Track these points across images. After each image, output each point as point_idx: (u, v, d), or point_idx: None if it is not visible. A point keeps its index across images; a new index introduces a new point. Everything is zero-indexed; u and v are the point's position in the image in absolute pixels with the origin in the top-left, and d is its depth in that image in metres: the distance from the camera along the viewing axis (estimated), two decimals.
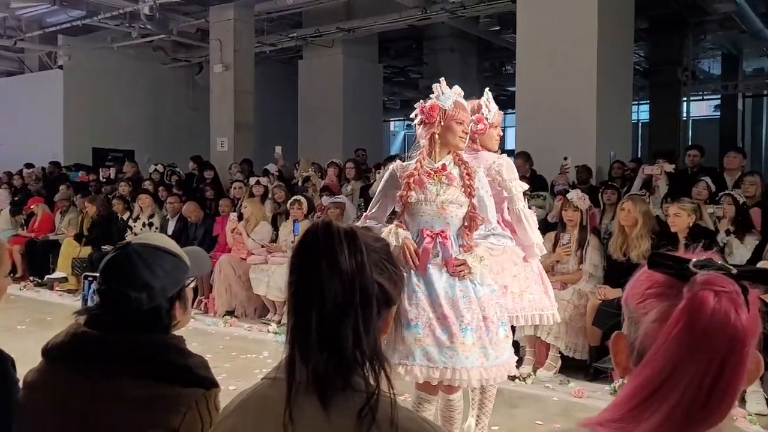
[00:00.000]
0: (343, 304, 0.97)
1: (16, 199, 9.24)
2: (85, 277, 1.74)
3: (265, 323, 5.87)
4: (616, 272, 4.29)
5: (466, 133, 2.60)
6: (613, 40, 7.26)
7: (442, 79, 2.61)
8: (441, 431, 1.02)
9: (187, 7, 10.53)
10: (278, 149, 8.61)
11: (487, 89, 3.03)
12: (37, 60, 12.58)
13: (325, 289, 0.96)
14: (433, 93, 2.58)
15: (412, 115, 2.67)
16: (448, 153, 2.59)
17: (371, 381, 0.97)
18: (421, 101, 2.64)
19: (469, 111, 2.67)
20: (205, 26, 10.57)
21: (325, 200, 6.42)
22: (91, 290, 1.71)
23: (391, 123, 20.97)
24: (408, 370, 2.39)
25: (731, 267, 0.77)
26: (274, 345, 5.05)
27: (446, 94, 2.56)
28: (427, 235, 2.51)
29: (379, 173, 6.33)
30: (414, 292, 2.46)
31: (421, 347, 2.40)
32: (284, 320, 5.98)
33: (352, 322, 0.97)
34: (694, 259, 0.78)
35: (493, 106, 2.95)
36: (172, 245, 1.47)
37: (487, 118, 2.90)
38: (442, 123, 2.53)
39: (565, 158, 6.45)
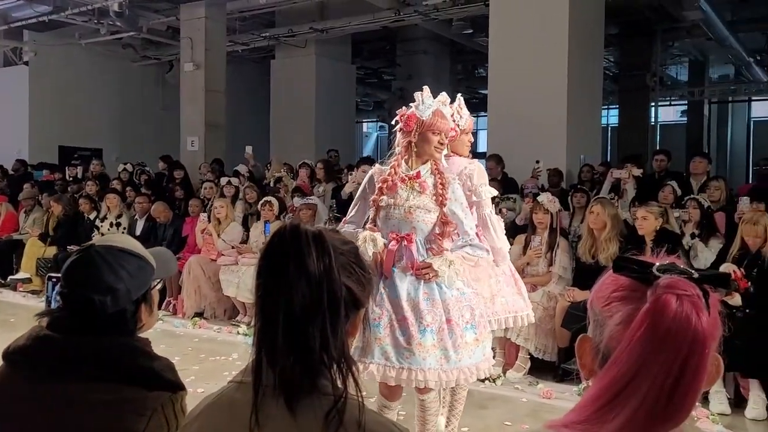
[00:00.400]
0: (311, 306, 0.96)
1: None
2: (49, 278, 1.71)
3: (234, 325, 5.81)
4: (585, 275, 4.35)
5: (443, 144, 2.61)
6: (584, 44, 7.37)
7: (425, 87, 2.64)
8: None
9: (157, 4, 10.37)
10: (248, 149, 8.54)
11: (459, 95, 3.04)
12: (2, 55, 12.25)
13: (292, 292, 0.96)
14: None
15: (393, 121, 2.68)
16: (426, 161, 2.61)
17: (338, 384, 0.97)
18: (404, 107, 2.65)
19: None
20: (176, 24, 10.42)
21: (297, 201, 6.39)
22: (54, 291, 1.67)
23: (364, 124, 20.97)
24: (365, 367, 2.42)
25: (693, 271, 0.79)
26: (243, 347, 5.00)
27: (426, 104, 2.58)
28: (392, 238, 2.54)
29: (351, 175, 6.31)
30: (380, 294, 2.49)
31: (380, 346, 2.44)
32: (254, 322, 5.93)
33: (319, 325, 0.96)
34: (657, 264, 0.80)
35: (465, 112, 2.97)
36: (136, 246, 1.44)
37: (458, 125, 2.91)
38: (419, 132, 2.56)
39: (537, 162, 6.53)
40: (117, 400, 1.28)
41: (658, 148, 11.73)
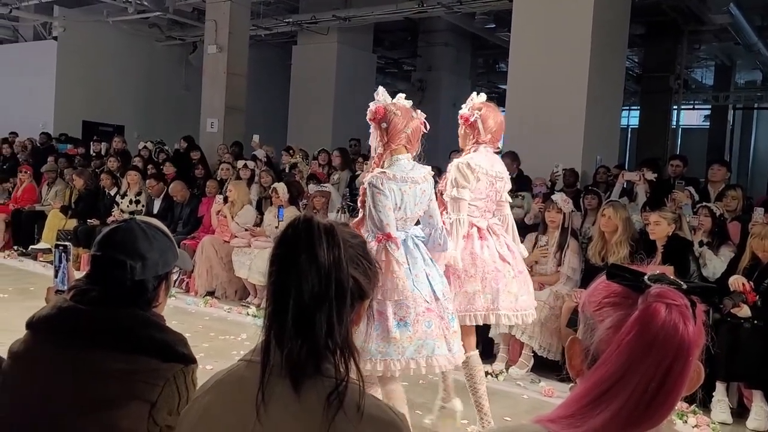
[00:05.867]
0: (319, 295, 1.02)
1: (4, 167, 9.16)
2: (57, 246, 1.76)
3: (244, 306, 5.91)
4: (594, 277, 4.34)
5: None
6: (607, 44, 7.32)
7: (381, 88, 2.88)
8: (404, 419, 1.08)
9: None
10: (256, 137, 8.58)
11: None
12: (32, 30, 12.42)
13: (302, 281, 1.02)
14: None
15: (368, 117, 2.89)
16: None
17: (341, 369, 1.03)
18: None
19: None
20: (201, 6, 10.49)
21: (312, 188, 6.45)
22: (63, 262, 1.73)
23: None
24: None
25: (681, 282, 0.84)
26: (252, 328, 5.09)
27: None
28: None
29: (366, 164, 6.35)
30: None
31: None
32: (264, 304, 6.01)
33: (326, 313, 1.03)
34: (648, 273, 0.85)
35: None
36: (169, 232, 1.57)
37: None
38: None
39: (557, 165, 6.48)
40: (132, 369, 1.36)
41: (678, 152, 11.64)
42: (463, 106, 3.26)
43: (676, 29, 11.22)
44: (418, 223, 2.91)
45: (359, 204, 2.84)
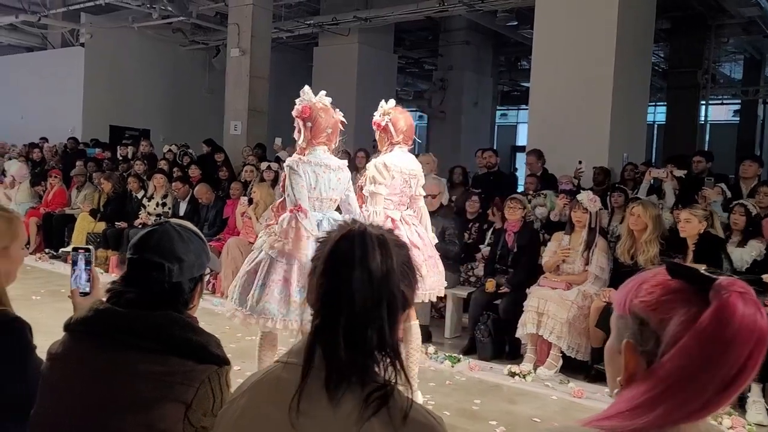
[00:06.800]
0: (371, 308, 1.02)
1: (35, 172, 9.36)
2: (75, 249, 1.78)
3: None
4: (623, 276, 4.26)
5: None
6: (633, 39, 7.21)
7: (307, 87, 3.24)
8: (443, 423, 1.08)
9: None
10: (278, 140, 8.62)
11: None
12: (60, 37, 12.67)
13: (355, 295, 1.02)
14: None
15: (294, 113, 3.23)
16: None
17: (387, 375, 1.03)
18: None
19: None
20: (224, 10, 10.59)
21: None
22: (83, 265, 1.75)
23: None
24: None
25: (734, 275, 0.85)
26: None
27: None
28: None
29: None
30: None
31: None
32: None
33: (377, 325, 1.02)
34: (704, 267, 0.87)
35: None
36: (201, 234, 1.59)
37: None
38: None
39: (580, 162, 6.41)
40: (168, 371, 1.38)
41: (707, 148, 11.42)
42: (375, 113, 3.68)
43: (703, 23, 11.02)
44: (339, 210, 3.36)
45: (281, 188, 3.27)
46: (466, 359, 4.55)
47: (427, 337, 4.99)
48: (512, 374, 4.27)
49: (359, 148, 7.94)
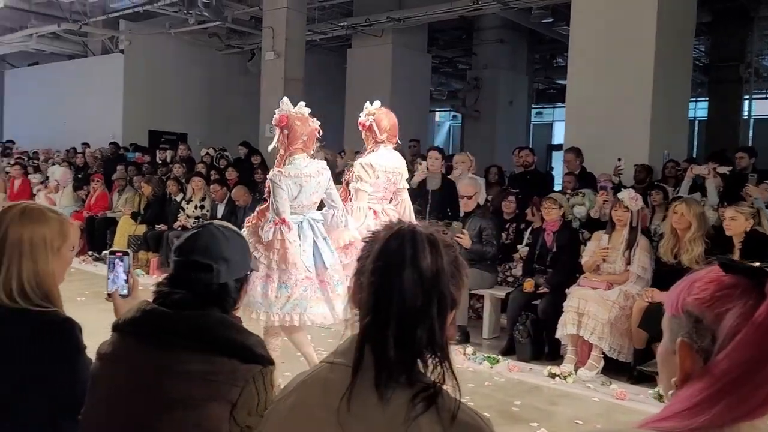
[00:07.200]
0: (422, 308, 1.01)
1: (78, 176, 9.63)
2: (112, 252, 1.81)
3: None
4: (666, 275, 4.20)
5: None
6: (673, 33, 7.04)
7: (285, 98, 3.56)
8: (490, 423, 1.07)
9: None
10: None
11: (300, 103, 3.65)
12: (100, 44, 13.02)
13: (406, 294, 1.01)
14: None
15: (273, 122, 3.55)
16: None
17: (435, 377, 1.02)
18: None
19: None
20: (259, 14, 10.73)
21: None
22: (122, 268, 1.78)
23: (437, 113, 20.86)
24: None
25: None
26: (317, 329, 5.15)
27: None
28: None
29: (421, 164, 6.33)
30: None
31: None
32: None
33: (427, 325, 1.02)
34: (758, 263, 0.85)
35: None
36: (243, 234, 1.61)
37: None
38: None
39: (619, 159, 6.29)
40: (213, 370, 1.39)
41: (751, 143, 11.09)
42: (360, 114, 3.98)
43: (745, 15, 10.72)
44: (322, 207, 3.69)
45: (266, 194, 3.62)
46: (505, 360, 4.50)
47: (465, 338, 4.96)
48: (552, 375, 4.21)
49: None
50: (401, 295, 1.01)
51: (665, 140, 7.06)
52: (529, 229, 5.41)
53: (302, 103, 3.61)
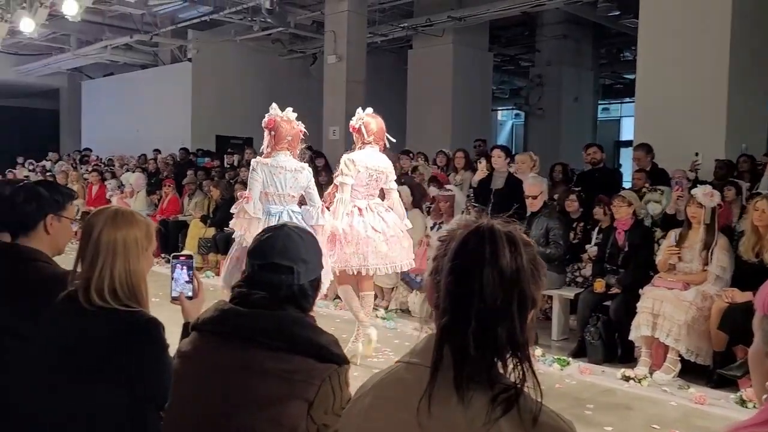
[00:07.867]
0: (502, 308, 0.99)
1: (151, 182, 10.06)
2: (175, 257, 1.86)
3: (374, 309, 6.01)
4: (747, 274, 4.00)
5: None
6: (750, 21, 6.70)
7: (274, 104, 4.00)
8: (574, 427, 1.04)
9: (304, 0, 10.90)
10: None
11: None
12: (170, 53, 13.55)
13: (486, 293, 0.99)
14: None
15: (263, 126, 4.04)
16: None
17: (515, 378, 1.00)
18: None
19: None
20: (321, 18, 10.89)
21: (433, 191, 6.45)
22: (186, 270, 1.82)
23: (499, 112, 20.58)
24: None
25: None
26: (382, 330, 5.19)
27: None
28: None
29: (480, 163, 6.28)
30: None
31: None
32: (392, 306, 6.10)
33: (508, 324, 1.00)
34: None
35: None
36: (315, 236, 1.64)
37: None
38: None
39: (696, 154, 6.02)
40: (290, 369, 1.41)
41: None
42: (352, 119, 4.37)
43: None
44: (303, 203, 4.15)
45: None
46: (575, 362, 4.40)
47: (533, 339, 4.88)
48: (626, 378, 4.08)
49: (458, 149, 7.89)
50: (481, 294, 0.99)
51: (743, 134, 6.72)
52: (597, 228, 5.26)
53: (290, 109, 4.11)
